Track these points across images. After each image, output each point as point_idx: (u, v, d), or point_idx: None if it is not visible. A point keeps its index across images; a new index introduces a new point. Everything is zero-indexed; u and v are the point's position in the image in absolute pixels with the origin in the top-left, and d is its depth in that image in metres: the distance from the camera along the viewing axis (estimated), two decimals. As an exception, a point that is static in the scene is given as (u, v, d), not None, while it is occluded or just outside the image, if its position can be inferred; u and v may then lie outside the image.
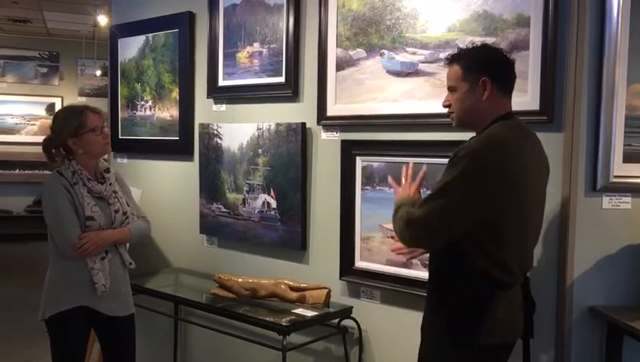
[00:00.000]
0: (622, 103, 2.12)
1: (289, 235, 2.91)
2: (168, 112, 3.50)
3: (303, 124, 2.84)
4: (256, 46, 3.05)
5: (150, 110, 3.61)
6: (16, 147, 9.16)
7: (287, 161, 2.90)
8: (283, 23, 2.91)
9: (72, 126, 2.47)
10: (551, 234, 2.19)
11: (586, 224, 2.15)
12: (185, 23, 3.36)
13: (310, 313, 2.58)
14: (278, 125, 2.93)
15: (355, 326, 2.68)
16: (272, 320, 2.51)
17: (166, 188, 3.56)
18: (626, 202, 2.16)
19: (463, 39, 2.31)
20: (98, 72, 9.44)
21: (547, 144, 1.96)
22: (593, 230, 2.16)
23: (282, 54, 2.92)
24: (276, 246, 2.98)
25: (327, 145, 2.80)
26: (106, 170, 2.61)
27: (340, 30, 2.71)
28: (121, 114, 3.78)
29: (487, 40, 2.21)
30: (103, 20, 6.89)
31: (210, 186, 3.26)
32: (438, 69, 2.38)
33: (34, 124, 9.42)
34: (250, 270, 3.05)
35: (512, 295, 1.84)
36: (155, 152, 3.60)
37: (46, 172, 2.59)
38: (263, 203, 3.02)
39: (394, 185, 2.12)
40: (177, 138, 3.44)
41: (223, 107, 3.24)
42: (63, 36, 9.36)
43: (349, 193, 2.69)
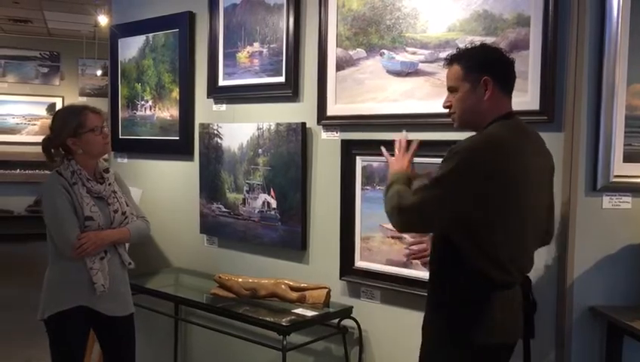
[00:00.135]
0: (622, 103, 2.12)
1: (289, 235, 2.91)
2: (168, 112, 3.50)
3: (303, 123, 2.84)
4: (257, 46, 3.05)
5: (150, 110, 3.60)
6: (17, 147, 9.16)
7: (287, 160, 2.89)
8: (283, 22, 2.91)
9: (71, 126, 2.47)
10: (551, 234, 2.19)
11: (586, 224, 2.15)
12: (185, 22, 3.36)
13: (310, 313, 2.57)
14: (278, 125, 2.93)
15: (355, 326, 2.68)
16: (272, 320, 2.51)
17: (166, 188, 3.56)
18: (626, 202, 2.16)
19: (463, 39, 2.31)
20: (99, 72, 9.44)
21: (547, 144, 1.96)
22: (593, 230, 2.16)
23: (282, 54, 2.92)
24: (276, 246, 2.98)
25: (327, 145, 2.80)
26: (105, 170, 2.61)
27: (340, 30, 2.70)
28: (121, 114, 3.78)
29: (488, 40, 2.21)
30: (103, 20, 6.91)
31: (210, 186, 3.26)
32: (438, 68, 2.38)
33: (35, 124, 9.42)
34: (251, 270, 3.05)
35: (512, 295, 1.83)
36: (155, 152, 3.60)
37: (46, 172, 2.59)
38: (263, 203, 3.01)
39: (387, 156, 2.11)
40: (177, 138, 3.44)
41: (223, 107, 3.24)
42: (64, 36, 9.36)
43: (349, 193, 2.69)
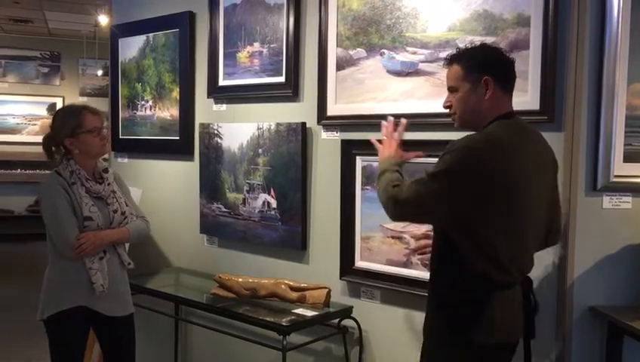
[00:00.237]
0: (622, 103, 2.12)
1: (289, 235, 2.91)
2: (169, 112, 3.50)
3: (303, 123, 2.84)
4: (257, 46, 3.04)
5: (150, 110, 3.60)
6: (18, 147, 9.16)
7: (288, 160, 2.89)
8: (283, 22, 2.91)
9: (69, 126, 2.47)
10: (551, 234, 2.19)
11: (586, 224, 2.15)
12: (185, 22, 3.36)
13: (310, 313, 2.57)
14: (278, 125, 2.92)
15: (355, 326, 2.67)
16: (272, 320, 2.51)
17: (166, 187, 3.56)
18: (626, 202, 2.16)
19: (463, 39, 2.30)
20: (99, 72, 9.44)
21: (547, 144, 1.96)
22: (593, 230, 2.15)
23: (282, 54, 2.92)
24: (276, 246, 2.98)
25: (327, 145, 2.79)
26: (105, 170, 2.61)
27: (340, 30, 2.70)
28: (121, 113, 3.78)
29: (488, 39, 2.21)
30: (103, 20, 6.91)
31: (210, 186, 3.26)
32: (439, 68, 2.38)
33: (35, 124, 9.43)
34: (251, 270, 3.05)
35: (512, 295, 1.83)
36: (155, 152, 3.60)
37: (47, 172, 2.59)
38: (263, 203, 3.01)
39: (376, 144, 2.11)
40: (178, 138, 3.44)
41: (224, 107, 3.24)
42: (64, 36, 9.37)
43: (349, 193, 2.69)
